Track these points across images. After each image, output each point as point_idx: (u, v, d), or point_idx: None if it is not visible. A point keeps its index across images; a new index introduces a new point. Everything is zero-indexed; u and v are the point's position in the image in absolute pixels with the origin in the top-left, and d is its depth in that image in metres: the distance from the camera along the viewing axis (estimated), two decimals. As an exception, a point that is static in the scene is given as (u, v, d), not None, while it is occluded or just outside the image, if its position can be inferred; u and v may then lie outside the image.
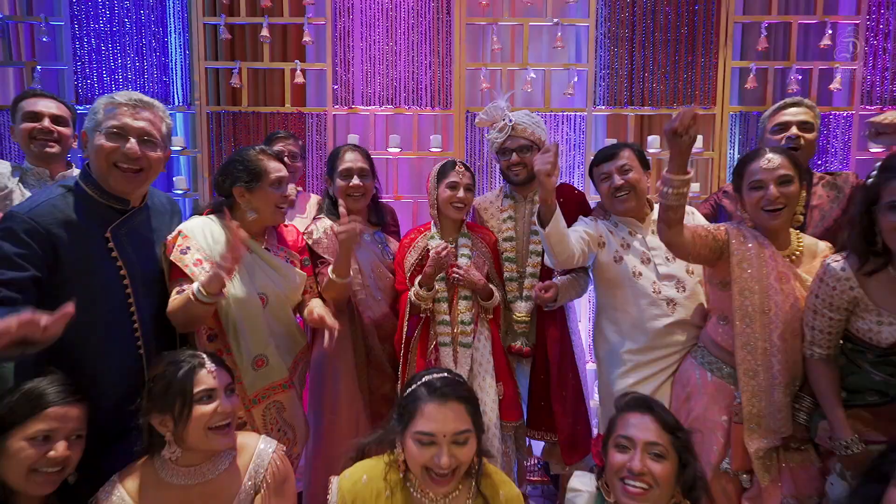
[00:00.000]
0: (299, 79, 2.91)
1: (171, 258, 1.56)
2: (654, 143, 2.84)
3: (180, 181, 2.87)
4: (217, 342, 1.64)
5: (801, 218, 1.63)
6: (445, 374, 1.31)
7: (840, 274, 1.41)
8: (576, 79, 2.99)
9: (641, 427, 1.30)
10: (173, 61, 2.95)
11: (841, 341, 1.51)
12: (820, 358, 1.51)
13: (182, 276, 1.55)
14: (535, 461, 2.65)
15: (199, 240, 1.62)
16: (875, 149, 2.74)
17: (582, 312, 2.84)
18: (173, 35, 2.93)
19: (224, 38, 2.85)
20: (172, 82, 2.95)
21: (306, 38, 2.90)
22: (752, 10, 2.97)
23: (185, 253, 1.57)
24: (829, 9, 2.91)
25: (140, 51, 2.91)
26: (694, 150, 2.83)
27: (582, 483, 1.48)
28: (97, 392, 1.42)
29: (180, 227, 1.64)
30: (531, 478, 2.71)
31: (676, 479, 1.28)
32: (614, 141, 2.70)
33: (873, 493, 1.13)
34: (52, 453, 1.26)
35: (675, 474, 1.28)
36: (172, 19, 2.93)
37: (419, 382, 1.27)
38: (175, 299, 1.53)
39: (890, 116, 1.84)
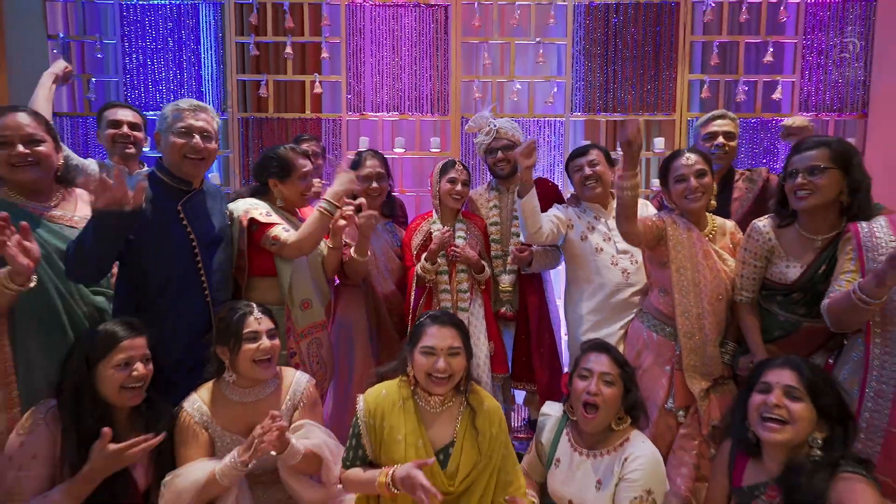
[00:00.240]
0: (318, 89, 3.32)
1: (256, 219, 1.99)
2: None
3: (214, 178, 3.27)
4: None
5: (715, 203, 2.04)
6: (445, 311, 1.74)
7: (763, 229, 1.83)
8: (555, 89, 3.39)
9: (598, 362, 1.69)
10: (206, 74, 3.36)
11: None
12: (746, 301, 1.90)
13: (271, 227, 1.97)
14: (522, 420, 3.05)
15: (265, 209, 2.04)
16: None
17: (560, 288, 3.26)
18: (208, 52, 3.33)
19: (253, 54, 3.28)
20: (206, 92, 3.36)
21: (324, 55, 3.32)
22: (706, 31, 3.36)
23: (268, 217, 2.01)
24: (772, 30, 3.29)
25: (179, 65, 3.32)
26: (656, 151, 3.29)
27: (551, 409, 1.89)
28: (175, 331, 1.82)
29: (244, 207, 2.03)
30: (518, 435, 3.08)
31: (622, 400, 1.69)
32: (589, 142, 3.13)
33: (743, 398, 1.55)
34: (134, 373, 1.56)
35: (621, 397, 1.69)
36: (206, 38, 3.33)
37: (425, 316, 1.70)
38: (290, 232, 1.99)
39: (798, 121, 2.26)
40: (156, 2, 3.25)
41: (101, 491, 1.50)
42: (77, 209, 1.81)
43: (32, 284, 1.50)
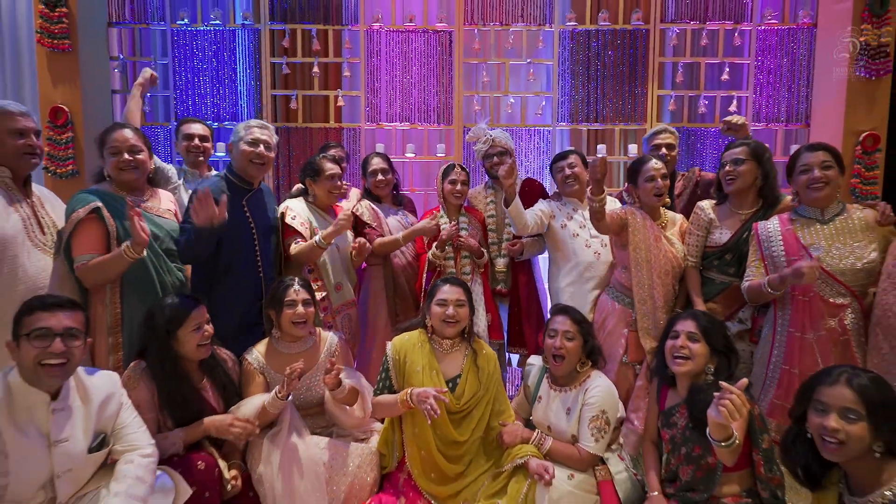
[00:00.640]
0: (340, 102, 3.77)
1: (287, 222, 2.47)
2: (601, 150, 3.74)
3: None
4: (314, 274, 2.51)
5: (668, 201, 2.54)
6: (453, 275, 2.24)
7: (704, 207, 2.37)
8: (543, 103, 3.83)
9: (561, 322, 2.13)
10: (243, 90, 3.83)
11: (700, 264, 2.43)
12: (693, 265, 2.39)
13: (294, 234, 2.44)
14: (516, 386, 3.50)
15: (297, 212, 2.54)
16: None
17: (545, 270, 3.74)
18: (245, 71, 3.79)
19: (285, 73, 3.75)
20: (242, 105, 3.83)
21: (345, 73, 3.78)
22: (672, 53, 3.80)
23: (294, 220, 2.49)
24: (728, 53, 3.75)
25: (221, 82, 3.78)
26: (630, 156, 3.77)
27: (535, 360, 2.37)
28: (237, 299, 2.31)
29: (282, 209, 2.52)
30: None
31: (582, 349, 2.12)
32: (570, 148, 3.61)
33: (661, 343, 1.98)
34: (205, 333, 1.96)
35: (581, 347, 2.11)
36: (243, 60, 3.79)
37: (439, 280, 2.20)
38: (297, 246, 2.40)
39: (738, 119, 2.76)
40: (201, 28, 3.74)
41: (192, 415, 1.94)
42: (161, 203, 2.25)
43: (143, 255, 1.97)
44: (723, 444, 1.50)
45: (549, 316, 3.16)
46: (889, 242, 1.97)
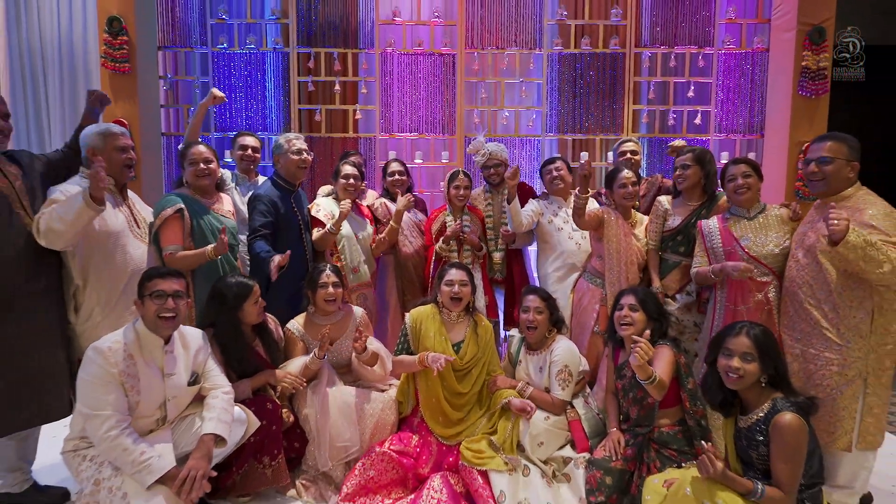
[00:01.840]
0: (358, 115, 4.23)
1: (313, 214, 2.96)
2: (584, 157, 4.23)
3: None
4: (335, 256, 2.99)
5: (638, 203, 3.04)
6: (458, 262, 2.74)
7: (662, 201, 2.84)
8: (534, 116, 4.28)
9: (531, 300, 2.59)
10: (271, 105, 4.29)
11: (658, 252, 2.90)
12: (653, 248, 2.85)
13: (318, 224, 2.91)
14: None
15: (322, 206, 3.02)
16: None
17: (534, 260, 4.22)
18: (275, 88, 4.27)
19: (310, 90, 4.25)
20: (271, 118, 4.30)
21: (362, 90, 4.25)
22: (646, 73, 4.24)
23: (318, 213, 2.97)
24: (694, 73, 4.22)
25: (253, 98, 4.26)
26: (608, 162, 4.26)
27: (515, 332, 2.85)
28: (288, 279, 2.74)
29: (314, 202, 3.04)
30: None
31: (549, 320, 2.57)
32: (556, 155, 4.09)
33: (611, 315, 2.49)
34: (260, 306, 2.44)
35: (548, 318, 2.57)
36: (272, 79, 4.27)
37: (447, 264, 2.70)
38: (317, 233, 2.89)
39: (679, 143, 3.25)
40: (238, 51, 4.23)
41: (250, 369, 2.41)
42: (224, 205, 2.69)
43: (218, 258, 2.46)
44: (646, 382, 1.99)
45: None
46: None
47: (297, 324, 2.67)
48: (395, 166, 3.41)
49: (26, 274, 2.01)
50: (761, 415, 1.76)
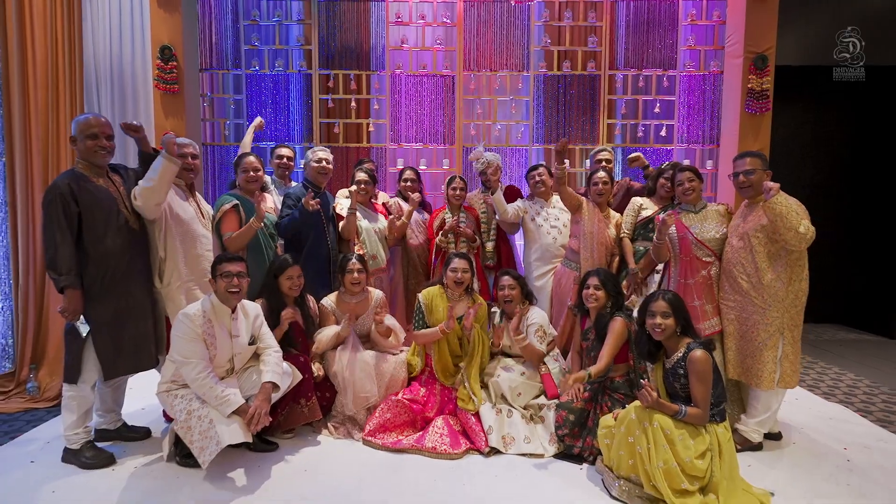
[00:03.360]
0: (371, 128, 4.76)
1: (337, 211, 3.50)
2: (567, 163, 4.77)
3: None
4: (358, 245, 3.50)
5: (611, 200, 3.58)
6: (460, 252, 3.28)
7: (638, 198, 3.36)
8: (523, 129, 4.77)
9: (505, 280, 3.07)
10: (294, 119, 4.82)
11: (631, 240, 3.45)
12: (627, 236, 3.37)
13: (340, 218, 3.43)
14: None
15: (342, 204, 3.55)
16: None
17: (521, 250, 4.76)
18: (298, 104, 4.81)
19: (330, 106, 4.79)
20: (294, 130, 4.85)
21: (375, 106, 4.77)
22: (619, 92, 4.75)
23: (341, 210, 3.49)
24: (660, 91, 4.72)
25: (281, 113, 4.81)
26: (586, 167, 4.78)
27: (496, 308, 3.40)
28: (315, 264, 3.29)
29: (337, 202, 3.59)
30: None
31: (522, 294, 3.09)
32: (541, 162, 4.63)
33: (579, 293, 3.07)
34: (298, 282, 2.97)
35: (521, 294, 3.09)
36: (297, 96, 4.80)
37: (451, 254, 3.23)
38: (342, 222, 3.44)
39: (634, 155, 3.79)
40: (267, 73, 4.76)
41: (288, 335, 2.95)
42: (266, 203, 3.22)
43: (261, 226, 2.98)
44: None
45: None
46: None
47: (330, 300, 3.20)
48: (409, 173, 3.94)
49: (129, 258, 2.54)
50: (680, 355, 2.30)
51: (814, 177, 5.53)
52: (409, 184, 3.88)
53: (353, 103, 4.74)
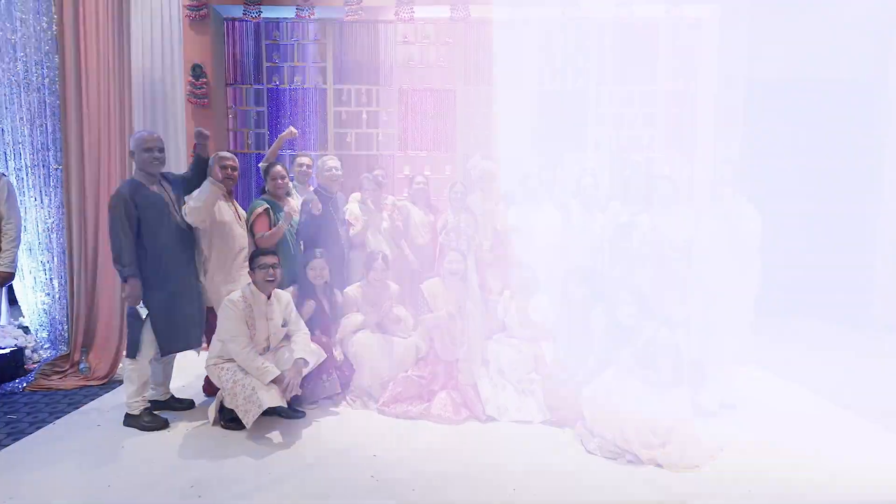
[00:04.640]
0: (381, 138, 5.19)
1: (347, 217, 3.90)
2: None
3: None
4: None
5: None
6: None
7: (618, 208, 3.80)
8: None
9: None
10: (312, 129, 5.19)
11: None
12: None
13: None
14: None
15: (349, 209, 3.96)
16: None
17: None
18: (313, 116, 5.21)
19: (343, 117, 5.19)
20: (311, 139, 5.25)
21: (384, 118, 5.21)
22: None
23: (348, 216, 3.91)
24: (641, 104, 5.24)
25: (299, 123, 5.18)
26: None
27: None
28: (330, 258, 3.71)
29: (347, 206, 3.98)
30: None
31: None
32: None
33: None
34: (322, 275, 3.53)
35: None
36: (313, 108, 5.18)
37: (448, 251, 3.63)
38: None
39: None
40: (286, 87, 5.16)
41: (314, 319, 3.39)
42: (290, 205, 3.68)
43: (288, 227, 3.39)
44: None
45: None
46: None
47: (354, 290, 3.59)
48: (419, 178, 4.33)
49: (179, 252, 2.93)
50: None
51: None
52: (420, 187, 4.25)
53: (365, 115, 5.14)
